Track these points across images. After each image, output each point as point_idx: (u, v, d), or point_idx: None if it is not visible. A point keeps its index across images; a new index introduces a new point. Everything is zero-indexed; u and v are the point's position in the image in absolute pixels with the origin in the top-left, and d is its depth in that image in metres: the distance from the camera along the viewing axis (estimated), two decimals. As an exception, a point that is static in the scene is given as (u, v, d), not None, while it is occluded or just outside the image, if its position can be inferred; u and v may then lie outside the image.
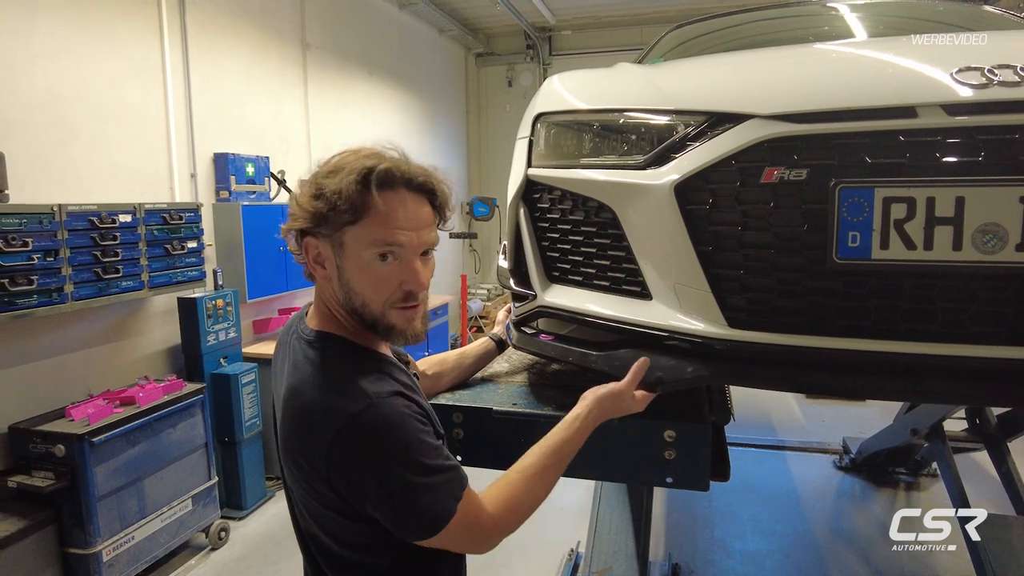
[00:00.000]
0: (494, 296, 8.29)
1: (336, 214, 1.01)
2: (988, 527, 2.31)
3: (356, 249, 1.03)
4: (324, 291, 1.12)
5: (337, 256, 1.05)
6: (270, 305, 4.80)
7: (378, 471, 0.98)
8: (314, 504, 1.07)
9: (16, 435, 2.94)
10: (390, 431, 0.99)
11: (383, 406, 1.00)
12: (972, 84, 1.02)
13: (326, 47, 5.52)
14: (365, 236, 1.02)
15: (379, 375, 1.06)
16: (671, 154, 1.20)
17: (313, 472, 1.02)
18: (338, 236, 1.04)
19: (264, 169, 4.57)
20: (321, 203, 1.01)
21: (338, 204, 1.00)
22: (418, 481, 0.99)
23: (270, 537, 3.76)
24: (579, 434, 1.17)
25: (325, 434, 0.98)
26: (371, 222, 1.02)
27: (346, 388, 1.02)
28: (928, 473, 4.14)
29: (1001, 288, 1.00)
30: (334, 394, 1.01)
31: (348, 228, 1.02)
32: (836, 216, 1.04)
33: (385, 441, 0.99)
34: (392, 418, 1.00)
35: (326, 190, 1.01)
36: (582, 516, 3.56)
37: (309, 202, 1.03)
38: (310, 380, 1.04)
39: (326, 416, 1.00)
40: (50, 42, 3.18)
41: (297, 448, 1.03)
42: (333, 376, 1.04)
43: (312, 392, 1.03)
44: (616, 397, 1.20)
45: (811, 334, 1.09)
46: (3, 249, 2.67)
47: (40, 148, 3.14)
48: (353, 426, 0.98)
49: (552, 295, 1.42)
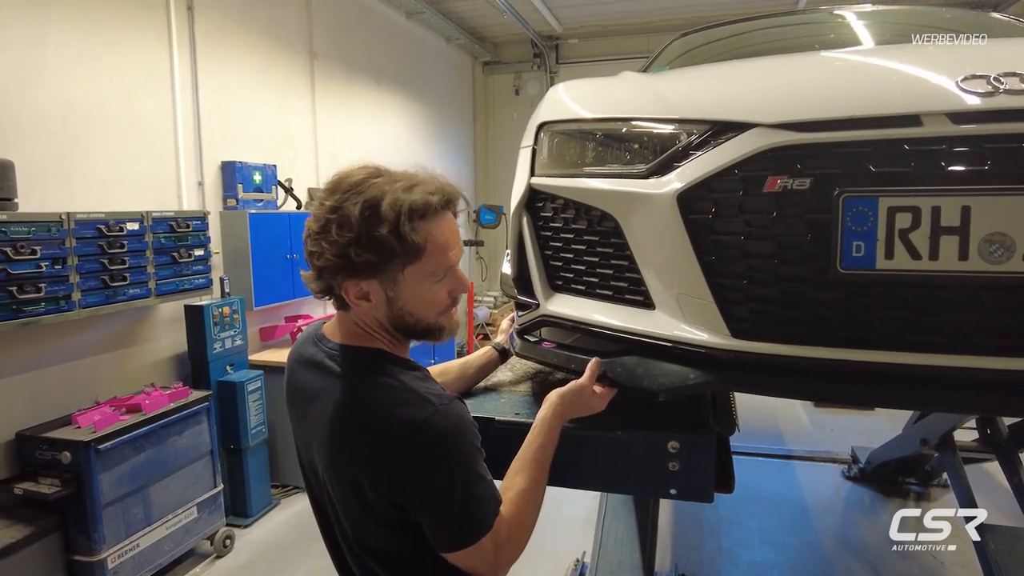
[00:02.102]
0: (500, 303, 8.28)
1: (395, 259, 1.01)
2: (1001, 539, 2.27)
3: (415, 281, 1.05)
4: (363, 316, 1.10)
5: (389, 290, 1.05)
6: (277, 313, 4.82)
7: (442, 474, 0.99)
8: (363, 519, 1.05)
9: (23, 442, 2.95)
10: (459, 435, 1.01)
11: (449, 409, 1.02)
12: (978, 92, 1.01)
13: (334, 56, 5.56)
14: (422, 270, 1.04)
15: (432, 382, 1.08)
16: (674, 163, 1.19)
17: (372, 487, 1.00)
18: (390, 274, 1.04)
19: (271, 177, 4.60)
20: (371, 255, 1.00)
21: (397, 250, 1.00)
22: (473, 489, 1.01)
23: (275, 545, 3.75)
24: (551, 434, 1.20)
25: (394, 442, 0.98)
26: (430, 256, 1.04)
27: (407, 396, 1.02)
28: (938, 483, 4.09)
29: (1008, 298, 0.98)
30: (397, 402, 1.01)
31: (405, 268, 1.03)
32: (840, 226, 1.03)
33: (451, 445, 1.00)
34: (458, 423, 1.02)
35: (377, 236, 0.99)
36: (587, 526, 3.53)
37: (354, 251, 0.99)
38: (367, 392, 1.04)
39: (395, 425, 0.99)
40: (62, 52, 3.22)
41: (357, 459, 1.02)
42: (392, 386, 1.03)
43: (374, 404, 1.02)
44: (577, 393, 1.24)
45: (815, 345, 1.08)
46: (12, 257, 2.69)
47: (50, 157, 3.17)
48: (424, 430, 0.98)
49: (555, 304, 1.41)
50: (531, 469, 1.15)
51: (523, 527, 1.10)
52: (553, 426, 1.21)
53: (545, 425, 1.20)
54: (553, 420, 1.21)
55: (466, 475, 1.01)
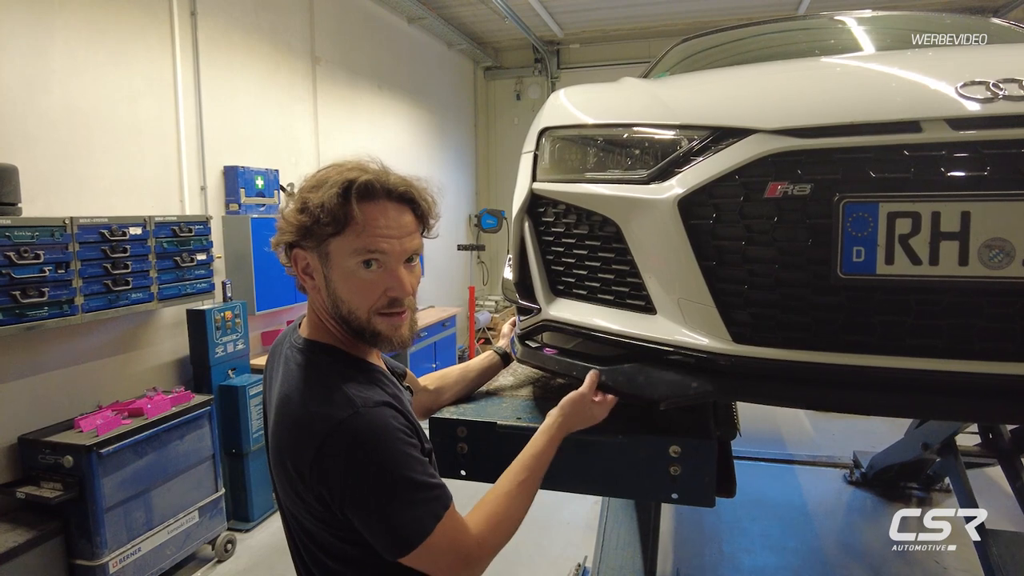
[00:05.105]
0: (502, 308, 8.28)
1: (320, 226, 1.04)
2: (1003, 544, 2.27)
3: (341, 258, 1.07)
4: (315, 301, 1.15)
5: (324, 266, 1.09)
6: (278, 317, 4.82)
7: (359, 480, 0.99)
8: (303, 514, 1.07)
9: (25, 446, 2.96)
10: (375, 440, 1.00)
11: (369, 415, 1.01)
12: (977, 98, 1.02)
13: (336, 61, 5.58)
14: (348, 245, 1.06)
15: (368, 385, 1.08)
16: (675, 169, 1.20)
17: (300, 480, 1.02)
18: (323, 247, 1.07)
19: (274, 182, 4.61)
20: (305, 216, 1.05)
21: (321, 216, 1.04)
22: (397, 495, 0.99)
23: (276, 549, 3.75)
24: (550, 444, 1.22)
25: (312, 440, 0.99)
26: (353, 232, 1.05)
27: (333, 396, 1.03)
28: (940, 488, 4.08)
29: (1008, 303, 0.99)
30: (322, 401, 1.03)
31: (332, 239, 1.06)
32: (840, 231, 1.03)
33: (369, 450, 0.99)
34: (377, 428, 1.01)
35: (310, 204, 1.05)
36: (589, 530, 3.53)
37: (295, 216, 1.07)
38: (299, 387, 1.06)
39: (313, 422, 1.01)
40: (66, 59, 3.23)
41: (286, 455, 1.04)
42: (321, 383, 1.06)
43: (301, 399, 1.04)
44: (578, 403, 1.26)
45: (816, 350, 1.08)
46: (15, 261, 2.70)
47: (54, 162, 3.18)
48: (338, 432, 0.99)
49: (556, 309, 1.42)
50: (521, 474, 1.17)
51: (497, 528, 1.10)
52: (554, 437, 1.23)
53: (545, 435, 1.23)
54: (554, 431, 1.23)
55: (389, 479, 0.99)
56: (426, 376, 1.53)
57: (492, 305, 8.37)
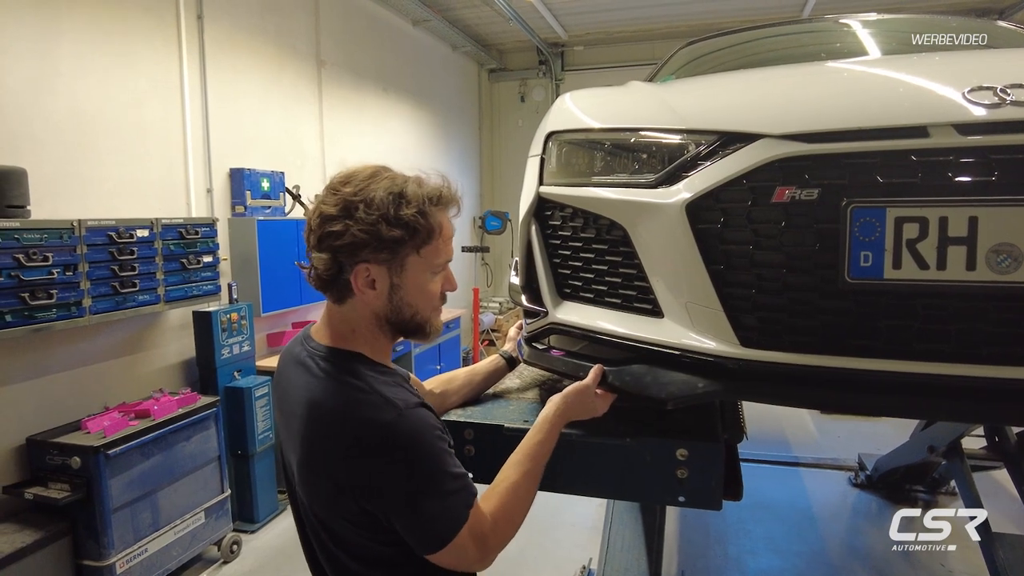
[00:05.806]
0: (506, 309, 8.28)
1: (416, 238, 1.08)
2: (1009, 547, 2.27)
3: (420, 269, 1.11)
4: (359, 310, 1.13)
5: (395, 276, 1.10)
6: (284, 319, 4.84)
7: (405, 478, 1.01)
8: (335, 518, 1.08)
9: (33, 447, 2.98)
10: (422, 439, 1.03)
11: (412, 416, 1.04)
12: (984, 103, 1.02)
13: (341, 64, 5.59)
14: (432, 256, 1.12)
15: (401, 388, 1.10)
16: (682, 173, 1.20)
17: (340, 484, 1.03)
18: (399, 259, 1.09)
19: (279, 184, 4.63)
20: (401, 231, 1.06)
21: (421, 228, 1.08)
22: (439, 489, 1.03)
23: (282, 550, 3.76)
24: (551, 432, 1.23)
25: (358, 444, 1.01)
26: (439, 243, 1.12)
27: (374, 400, 1.04)
28: (946, 491, 4.06)
29: (1015, 308, 0.99)
30: (364, 405, 1.04)
31: (415, 250, 1.10)
32: (848, 236, 1.04)
33: (415, 449, 1.02)
34: (421, 427, 1.04)
35: (404, 215, 1.06)
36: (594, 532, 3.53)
37: (387, 228, 1.05)
38: (336, 393, 1.06)
39: (358, 426, 1.02)
40: (74, 63, 3.26)
41: (321, 460, 1.05)
42: (360, 389, 1.06)
43: (340, 405, 1.05)
44: (580, 393, 1.27)
45: (823, 354, 1.08)
46: (24, 263, 2.71)
47: (62, 165, 3.20)
48: (387, 435, 1.01)
49: (564, 312, 1.42)
50: (525, 463, 1.17)
51: (510, 519, 1.12)
52: (555, 424, 1.24)
53: (546, 423, 1.23)
54: (555, 419, 1.24)
55: (432, 476, 1.03)
56: (431, 379, 1.54)
57: (496, 307, 8.37)
